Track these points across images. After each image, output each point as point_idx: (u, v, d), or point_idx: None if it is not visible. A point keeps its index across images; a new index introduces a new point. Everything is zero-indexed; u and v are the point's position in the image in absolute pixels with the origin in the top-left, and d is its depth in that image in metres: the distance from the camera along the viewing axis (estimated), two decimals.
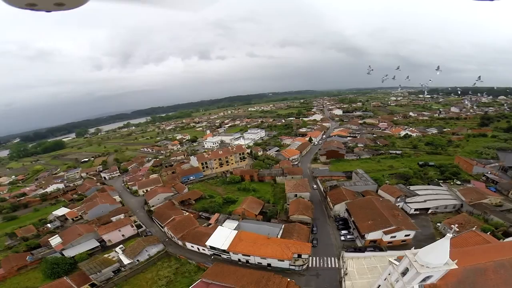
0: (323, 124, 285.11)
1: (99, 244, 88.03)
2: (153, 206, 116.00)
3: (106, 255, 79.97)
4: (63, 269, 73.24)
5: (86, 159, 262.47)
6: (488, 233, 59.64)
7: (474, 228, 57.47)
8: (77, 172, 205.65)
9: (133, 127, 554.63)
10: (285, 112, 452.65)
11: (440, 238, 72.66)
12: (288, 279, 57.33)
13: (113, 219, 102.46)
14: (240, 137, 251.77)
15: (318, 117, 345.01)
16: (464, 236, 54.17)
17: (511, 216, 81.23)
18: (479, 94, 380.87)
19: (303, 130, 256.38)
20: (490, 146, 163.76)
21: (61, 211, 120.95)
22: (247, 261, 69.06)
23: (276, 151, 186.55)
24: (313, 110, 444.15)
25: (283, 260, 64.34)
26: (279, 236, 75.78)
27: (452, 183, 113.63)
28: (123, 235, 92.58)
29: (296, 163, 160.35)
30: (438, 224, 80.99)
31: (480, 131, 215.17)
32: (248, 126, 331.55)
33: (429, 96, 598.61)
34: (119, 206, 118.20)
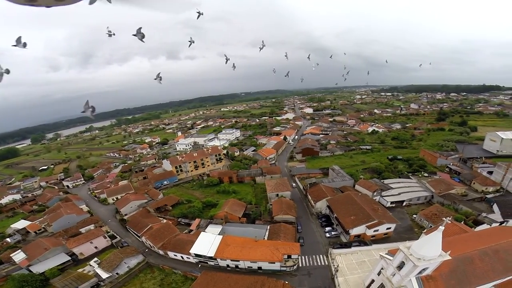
0: (296, 122, 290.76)
1: (70, 258, 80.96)
2: (126, 214, 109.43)
3: (80, 270, 73.86)
4: (33, 287, 66.77)
5: (45, 167, 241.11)
6: (462, 222, 64.06)
7: (450, 218, 61.10)
8: (35, 181, 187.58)
9: (97, 131, 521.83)
10: (258, 111, 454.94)
11: (418, 229, 77.46)
12: (283, 281, 56.62)
13: (82, 230, 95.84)
14: (214, 138, 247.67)
15: (290, 116, 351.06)
16: None
17: (477, 205, 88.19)
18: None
19: (277, 129, 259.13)
20: (449, 139, 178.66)
21: (21, 224, 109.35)
22: (237, 266, 67.09)
23: (252, 151, 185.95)
24: (285, 109, 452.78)
25: (274, 262, 63.46)
26: (266, 238, 74.94)
27: (420, 175, 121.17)
28: (96, 247, 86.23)
29: (273, 162, 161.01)
30: (414, 215, 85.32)
31: (438, 125, 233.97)
32: (222, 126, 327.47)
33: (390, 94, 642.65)
34: (87, 216, 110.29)
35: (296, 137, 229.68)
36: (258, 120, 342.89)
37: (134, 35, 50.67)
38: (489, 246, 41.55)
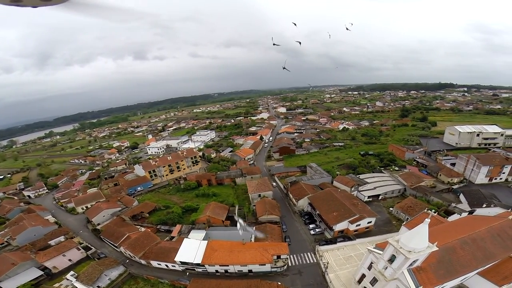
0: (271, 122, 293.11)
1: (42, 272, 74.68)
2: (98, 224, 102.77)
3: (56, 285, 68.34)
4: None
5: (1, 176, 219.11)
6: (436, 213, 68.24)
7: (425, 210, 64.98)
8: None
9: (58, 136, 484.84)
10: (233, 112, 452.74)
11: (396, 222, 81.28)
12: (276, 283, 56.33)
13: (52, 242, 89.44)
14: (188, 140, 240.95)
15: (265, 115, 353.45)
16: (420, 218, 60.52)
17: (445, 195, 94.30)
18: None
19: (253, 129, 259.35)
20: (413, 134, 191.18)
21: None
22: (226, 271, 65.47)
23: (230, 151, 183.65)
24: (259, 108, 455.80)
25: (264, 264, 62.79)
26: (253, 240, 74.09)
27: (391, 169, 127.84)
28: (70, 260, 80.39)
29: (252, 162, 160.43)
30: (391, 208, 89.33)
31: (402, 121, 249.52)
32: (196, 128, 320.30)
33: (357, 92, 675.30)
34: (55, 227, 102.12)
35: (271, 137, 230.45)
36: (233, 121, 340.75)
37: None
38: (466, 235, 44.57)
